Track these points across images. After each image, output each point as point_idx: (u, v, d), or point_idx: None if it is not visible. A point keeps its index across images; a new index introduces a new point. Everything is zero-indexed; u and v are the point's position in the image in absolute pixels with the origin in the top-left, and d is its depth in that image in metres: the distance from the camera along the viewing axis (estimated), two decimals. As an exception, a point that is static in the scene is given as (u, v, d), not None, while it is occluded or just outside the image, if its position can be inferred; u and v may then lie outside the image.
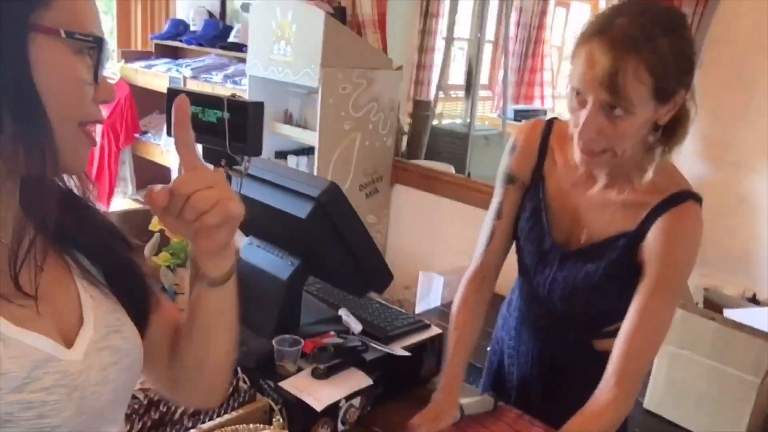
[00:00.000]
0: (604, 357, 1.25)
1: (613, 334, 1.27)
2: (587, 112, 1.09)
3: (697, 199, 1.18)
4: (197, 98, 1.26)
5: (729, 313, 1.88)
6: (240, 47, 3.58)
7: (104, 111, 0.73)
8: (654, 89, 1.05)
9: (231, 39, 3.71)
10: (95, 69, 0.67)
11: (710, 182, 2.03)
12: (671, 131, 1.14)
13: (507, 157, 1.38)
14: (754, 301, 2.05)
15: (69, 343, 0.69)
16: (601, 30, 1.06)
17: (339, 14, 2.88)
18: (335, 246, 1.37)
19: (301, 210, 1.31)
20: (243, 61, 3.47)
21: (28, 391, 0.62)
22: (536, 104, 6.90)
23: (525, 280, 1.41)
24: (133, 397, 1.12)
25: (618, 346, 1.20)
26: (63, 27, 0.63)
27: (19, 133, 0.61)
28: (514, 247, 1.43)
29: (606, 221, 1.23)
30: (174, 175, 3.15)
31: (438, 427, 1.28)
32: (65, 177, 0.72)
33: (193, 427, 1.18)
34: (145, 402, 1.16)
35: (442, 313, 2.54)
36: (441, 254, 3.00)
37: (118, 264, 0.79)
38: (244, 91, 3.18)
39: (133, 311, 0.80)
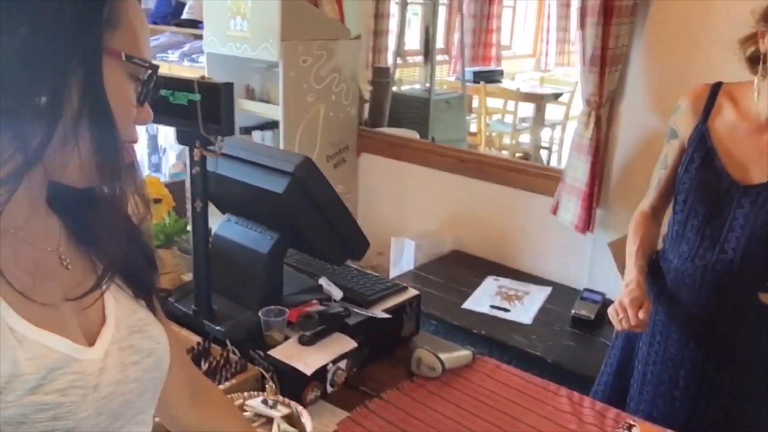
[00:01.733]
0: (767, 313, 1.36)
1: None
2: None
3: None
4: (167, 82, 1.28)
5: None
6: (195, 24, 3.53)
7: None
8: None
9: (184, 16, 3.65)
10: (144, 93, 0.70)
11: None
12: None
13: (674, 115, 1.50)
14: None
15: (91, 342, 0.70)
16: None
17: (294, -14, 2.86)
18: (313, 218, 1.41)
19: (277, 185, 1.35)
20: (199, 38, 3.42)
21: (43, 393, 0.62)
22: (492, 65, 6.96)
23: (688, 236, 1.44)
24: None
25: None
26: (124, 50, 0.67)
27: (96, 147, 0.65)
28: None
29: None
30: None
31: (649, 311, 1.36)
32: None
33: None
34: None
35: (415, 276, 2.61)
36: (411, 219, 3.06)
37: (133, 271, 0.79)
38: (203, 69, 3.15)
39: None
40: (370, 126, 3.42)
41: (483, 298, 2.42)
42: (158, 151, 3.77)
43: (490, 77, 5.96)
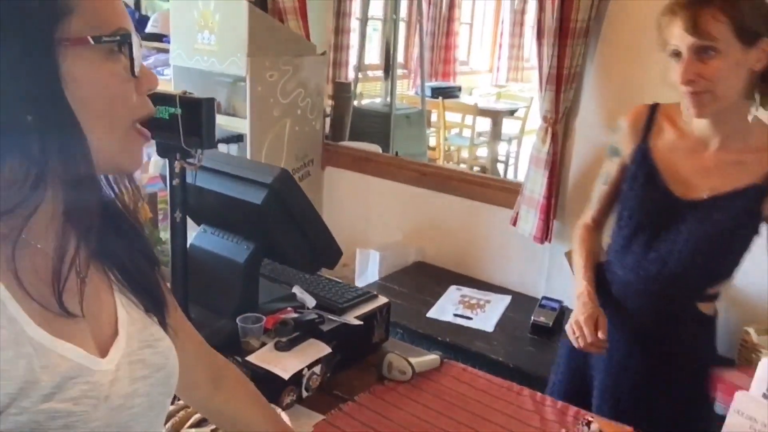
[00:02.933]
0: (705, 321, 1.46)
1: (714, 297, 1.47)
2: (684, 59, 1.27)
3: None
4: (149, 96, 1.32)
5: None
6: (159, 37, 3.54)
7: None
8: (733, 27, 1.24)
9: (148, 29, 3.66)
10: (131, 64, 0.65)
11: None
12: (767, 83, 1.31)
13: (614, 134, 1.57)
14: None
15: (104, 353, 0.70)
16: (677, 3, 1.29)
17: (260, 2, 2.92)
18: (289, 228, 1.47)
19: (255, 197, 1.40)
20: (163, 51, 3.43)
21: (56, 401, 0.62)
22: (450, 81, 7.11)
23: (633, 250, 1.49)
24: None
25: None
26: (89, 33, 0.62)
27: (54, 147, 0.61)
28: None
29: (727, 177, 1.37)
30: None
31: (605, 325, 1.43)
32: (112, 185, 0.74)
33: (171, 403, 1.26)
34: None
35: (381, 286, 2.68)
36: (375, 231, 3.13)
37: (143, 282, 0.79)
38: (169, 81, 3.17)
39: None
40: (332, 140, 3.48)
41: (447, 307, 2.50)
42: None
43: (449, 92, 6.10)
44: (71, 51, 0.61)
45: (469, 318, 2.43)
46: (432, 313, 2.45)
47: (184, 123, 1.31)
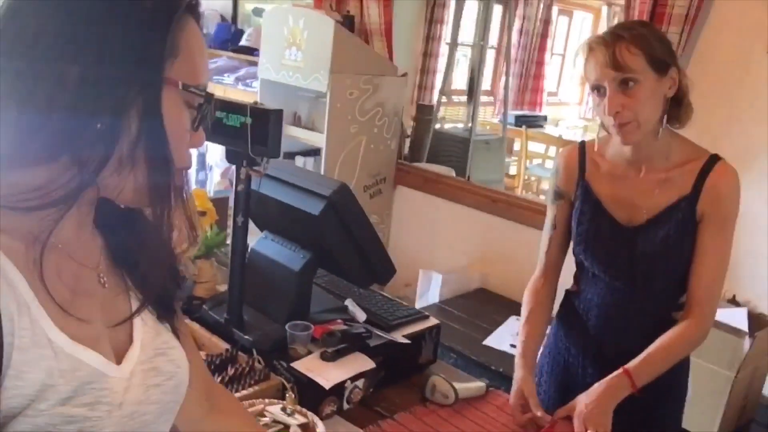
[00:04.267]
0: None
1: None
2: (609, 95, 1.36)
3: (723, 159, 1.46)
4: (223, 104, 1.40)
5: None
6: (251, 51, 3.71)
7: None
8: (647, 58, 1.34)
9: (242, 42, 3.84)
10: (198, 119, 0.72)
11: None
12: (679, 107, 1.42)
13: (552, 178, 1.63)
14: (734, 302, 2.19)
15: (119, 360, 0.72)
16: (596, 42, 1.38)
17: (348, 22, 3.01)
18: (344, 241, 1.50)
19: (314, 207, 1.44)
20: (253, 64, 3.60)
21: (72, 405, 0.63)
22: (537, 110, 7.04)
23: (600, 278, 1.56)
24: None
25: (692, 281, 1.45)
26: (182, 79, 0.68)
27: (150, 171, 0.67)
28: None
29: (661, 195, 1.46)
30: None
31: (538, 408, 1.45)
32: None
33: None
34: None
35: (440, 309, 2.67)
36: (440, 253, 3.13)
37: (159, 291, 0.81)
38: (255, 93, 3.31)
39: None
40: (410, 161, 3.52)
41: (504, 337, 2.47)
42: (205, 168, 3.94)
43: (533, 122, 6.03)
44: (165, 89, 0.67)
45: (527, 350, 2.37)
46: (488, 341, 2.42)
47: (253, 132, 1.37)
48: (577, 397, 1.43)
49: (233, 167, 1.47)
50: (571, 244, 1.61)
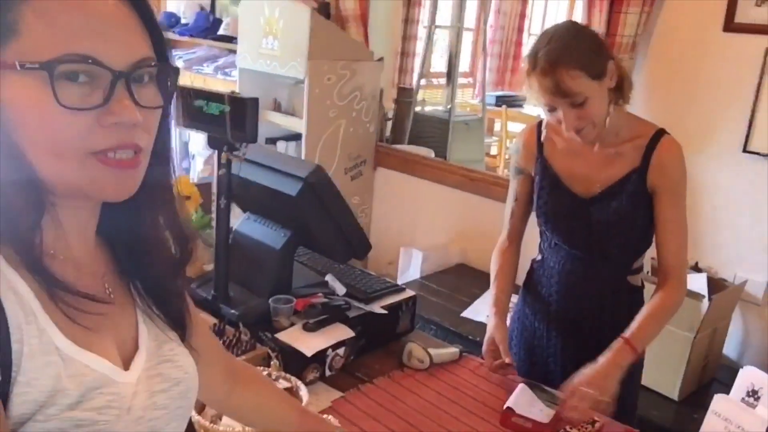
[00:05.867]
0: (635, 291, 1.65)
1: (638, 270, 1.66)
2: (563, 113, 1.46)
3: (668, 133, 1.57)
4: (203, 94, 1.49)
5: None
6: (230, 39, 3.75)
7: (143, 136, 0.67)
8: (588, 74, 1.43)
9: (221, 32, 3.88)
10: (108, 91, 0.62)
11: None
12: (621, 88, 1.52)
13: (514, 155, 1.75)
14: (696, 268, 2.31)
15: (127, 366, 0.73)
16: (533, 66, 1.44)
17: (323, 10, 3.08)
18: (321, 219, 1.60)
19: (292, 189, 1.54)
20: (233, 52, 3.64)
21: (81, 410, 0.64)
22: (517, 91, 7.11)
23: (561, 247, 1.68)
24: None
25: (660, 252, 1.57)
26: (31, 57, 0.59)
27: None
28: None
29: (613, 168, 1.57)
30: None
31: (507, 354, 1.60)
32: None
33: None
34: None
35: (421, 284, 2.78)
36: (421, 232, 3.23)
37: (166, 300, 0.81)
38: (234, 82, 3.38)
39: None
40: (392, 143, 3.60)
41: (482, 309, 2.57)
42: (188, 156, 4.01)
43: (513, 102, 6.11)
44: (6, 73, 0.59)
45: (503, 321, 2.49)
46: (467, 313, 2.53)
47: (232, 119, 1.47)
48: (581, 369, 1.49)
49: (215, 155, 1.57)
50: (533, 215, 1.73)
